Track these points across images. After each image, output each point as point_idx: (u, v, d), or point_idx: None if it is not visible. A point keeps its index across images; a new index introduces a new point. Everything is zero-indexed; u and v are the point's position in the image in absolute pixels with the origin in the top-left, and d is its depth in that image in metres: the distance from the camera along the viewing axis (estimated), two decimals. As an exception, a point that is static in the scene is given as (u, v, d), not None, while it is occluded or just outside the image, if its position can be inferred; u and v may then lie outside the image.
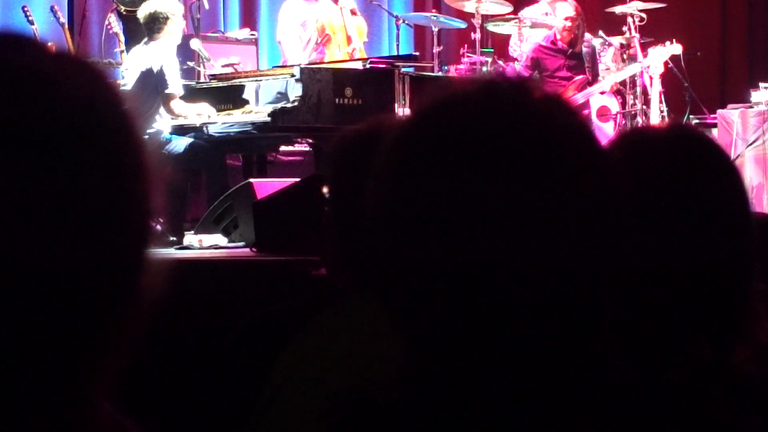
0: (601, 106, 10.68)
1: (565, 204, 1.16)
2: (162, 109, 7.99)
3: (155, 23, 8.04)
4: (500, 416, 1.17)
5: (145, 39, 8.15)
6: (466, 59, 10.63)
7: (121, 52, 9.99)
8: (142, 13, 8.15)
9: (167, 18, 8.04)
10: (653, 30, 11.03)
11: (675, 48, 10.39)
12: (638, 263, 1.69)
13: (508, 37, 11.31)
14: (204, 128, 8.05)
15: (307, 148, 8.73)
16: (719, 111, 10.72)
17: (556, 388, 1.18)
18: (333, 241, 2.37)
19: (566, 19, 10.46)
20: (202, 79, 9.11)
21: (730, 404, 1.30)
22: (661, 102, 10.37)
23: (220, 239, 7.44)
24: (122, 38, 10.11)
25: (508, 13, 10.90)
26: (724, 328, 1.73)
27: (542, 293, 1.15)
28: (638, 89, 10.59)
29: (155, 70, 7.93)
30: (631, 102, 10.79)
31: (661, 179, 1.75)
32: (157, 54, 7.97)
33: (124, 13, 9.64)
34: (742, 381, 1.65)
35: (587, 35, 10.68)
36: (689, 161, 1.78)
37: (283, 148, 9.10)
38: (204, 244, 7.37)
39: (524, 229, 1.14)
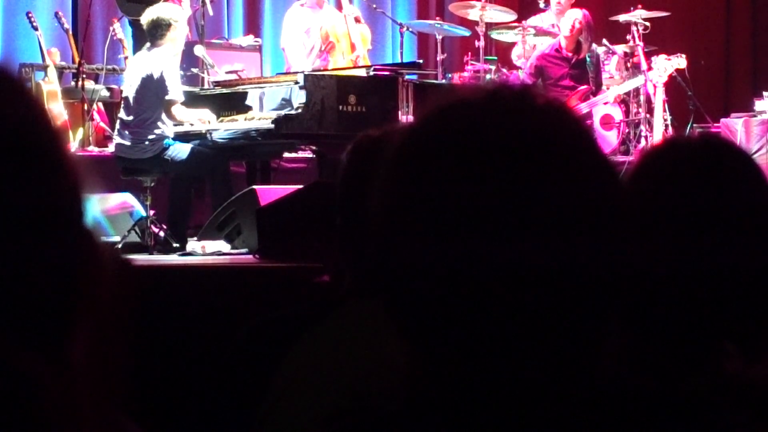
0: (605, 114, 10.68)
1: (569, 211, 1.16)
2: (164, 115, 7.99)
3: (157, 30, 8.04)
4: (508, 425, 1.17)
5: (148, 45, 8.15)
6: (469, 67, 10.64)
7: (125, 58, 10.00)
8: (144, 19, 8.15)
9: (169, 25, 8.04)
10: (657, 39, 11.04)
11: (680, 62, 10.38)
12: (664, 270, 1.71)
13: (511, 45, 11.32)
14: (207, 135, 8.06)
15: (311, 155, 8.73)
16: (722, 120, 10.73)
17: (565, 396, 1.18)
18: (338, 248, 2.38)
19: (575, 20, 10.44)
20: (206, 86, 9.11)
21: (748, 419, 1.29)
22: (664, 111, 10.36)
23: (223, 246, 7.45)
24: (126, 44, 10.13)
25: (512, 21, 10.91)
26: (752, 335, 1.74)
27: (548, 300, 1.15)
28: (642, 98, 10.59)
29: (156, 76, 7.92)
30: (634, 111, 10.80)
31: (691, 187, 1.77)
32: (158, 60, 7.97)
33: (130, 19, 9.65)
34: (762, 394, 1.65)
35: (592, 45, 10.68)
36: (720, 170, 1.80)
37: (286, 154, 9.10)
38: (207, 250, 7.38)
39: (528, 235, 1.14)
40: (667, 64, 10.33)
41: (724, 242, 1.74)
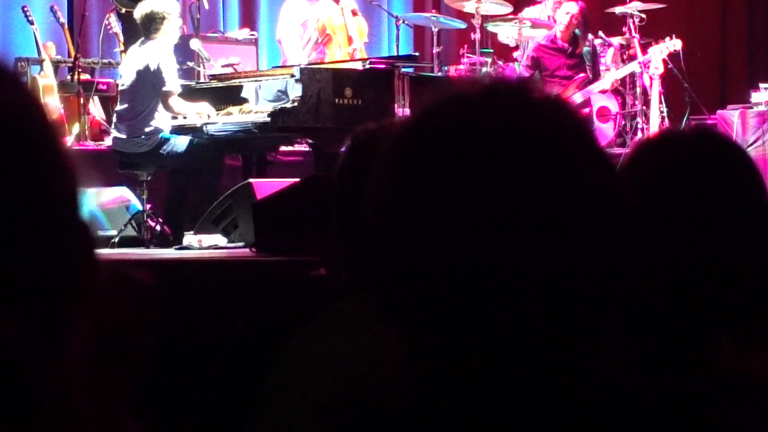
0: (601, 106, 10.69)
1: (566, 205, 1.16)
2: (161, 108, 7.99)
3: (152, 23, 8.03)
4: (504, 419, 1.17)
5: (142, 38, 8.14)
6: (465, 59, 10.64)
7: (121, 52, 10.00)
8: (138, 13, 8.13)
9: (164, 18, 8.03)
10: (653, 30, 11.04)
11: (675, 43, 10.38)
12: (658, 265, 1.71)
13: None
14: (204, 128, 8.05)
15: (307, 149, 8.73)
16: (719, 111, 10.75)
17: (561, 391, 1.18)
18: (334, 241, 2.38)
19: (567, 14, 10.46)
20: (201, 79, 9.11)
21: (744, 414, 1.29)
22: (660, 102, 10.38)
23: (219, 239, 7.45)
24: (122, 38, 10.13)
25: (508, 14, 10.90)
26: (747, 329, 1.74)
27: (545, 294, 1.15)
28: (638, 90, 10.60)
29: (152, 68, 7.92)
30: (630, 102, 10.81)
31: (684, 180, 1.77)
32: (154, 53, 7.97)
33: (123, 12, 9.63)
34: (758, 389, 1.65)
35: (589, 36, 10.69)
36: (713, 163, 1.80)
37: (282, 148, 9.10)
38: (203, 244, 7.38)
39: (525, 229, 1.14)
40: (662, 47, 10.33)
41: (716, 235, 1.74)
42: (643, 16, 10.85)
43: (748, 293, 1.75)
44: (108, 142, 9.15)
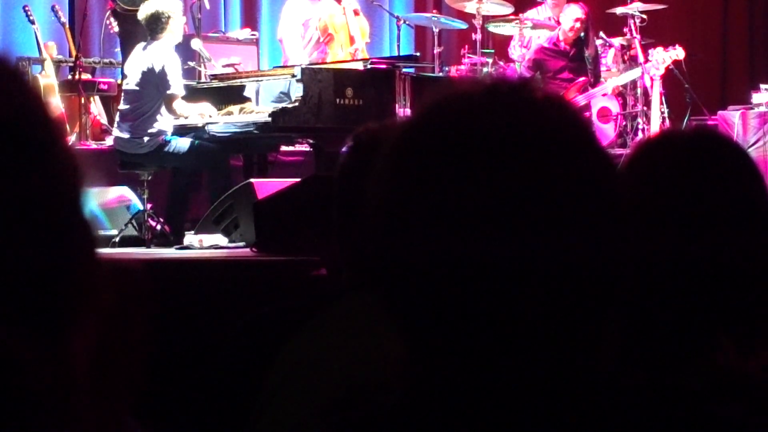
0: (602, 107, 10.69)
1: (566, 204, 1.16)
2: (163, 109, 7.99)
3: (157, 23, 8.02)
4: (504, 417, 1.17)
5: (148, 38, 8.13)
6: (466, 60, 10.64)
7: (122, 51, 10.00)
8: (142, 13, 8.12)
9: (169, 17, 8.02)
10: (654, 31, 11.04)
11: (678, 53, 10.38)
12: (659, 264, 1.71)
13: (508, 38, 11.31)
14: (205, 128, 8.05)
15: (308, 149, 8.73)
16: (720, 112, 10.75)
17: (561, 390, 1.18)
18: (335, 241, 2.38)
19: (576, 20, 10.46)
20: (202, 79, 9.11)
21: (745, 413, 1.29)
22: (661, 103, 10.37)
23: (220, 239, 7.45)
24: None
25: (509, 14, 10.90)
26: (747, 329, 1.74)
27: (545, 293, 1.15)
28: (639, 90, 10.60)
29: (157, 70, 7.92)
30: (631, 103, 10.81)
31: (684, 180, 1.77)
32: (159, 54, 7.96)
33: (121, 12, 9.62)
34: (758, 389, 1.65)
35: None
36: (713, 162, 1.80)
37: (283, 148, 9.10)
38: (204, 244, 7.39)
39: (526, 228, 1.14)
40: (665, 56, 10.33)
41: (717, 235, 1.74)
42: (644, 16, 10.84)
43: (748, 293, 1.75)
44: (109, 141, 9.15)
